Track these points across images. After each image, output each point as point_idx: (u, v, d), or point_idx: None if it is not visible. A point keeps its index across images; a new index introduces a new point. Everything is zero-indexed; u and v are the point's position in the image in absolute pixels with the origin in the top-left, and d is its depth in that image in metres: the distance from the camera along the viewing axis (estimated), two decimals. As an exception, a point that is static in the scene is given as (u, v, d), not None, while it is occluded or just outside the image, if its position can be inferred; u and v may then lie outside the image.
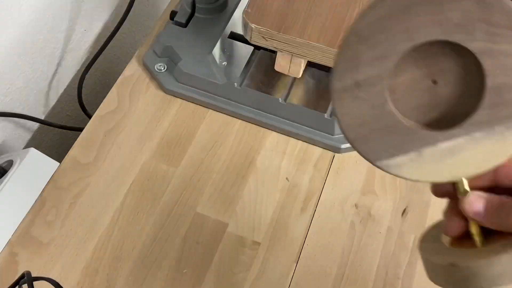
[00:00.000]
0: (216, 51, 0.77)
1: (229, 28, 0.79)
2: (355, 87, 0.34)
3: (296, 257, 0.66)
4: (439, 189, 0.39)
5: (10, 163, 0.70)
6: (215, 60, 0.76)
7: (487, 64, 0.33)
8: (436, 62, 0.34)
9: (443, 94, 0.35)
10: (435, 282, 0.38)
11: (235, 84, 0.74)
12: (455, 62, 0.34)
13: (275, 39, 0.64)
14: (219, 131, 0.75)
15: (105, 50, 0.86)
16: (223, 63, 0.76)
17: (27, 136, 0.87)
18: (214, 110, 0.76)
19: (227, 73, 0.74)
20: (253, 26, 0.63)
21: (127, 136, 0.74)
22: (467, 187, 0.37)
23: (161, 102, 0.77)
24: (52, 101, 0.90)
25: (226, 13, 0.81)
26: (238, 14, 0.80)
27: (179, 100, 0.77)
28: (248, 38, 0.65)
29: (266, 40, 0.64)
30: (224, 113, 0.76)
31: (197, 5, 0.80)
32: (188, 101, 0.77)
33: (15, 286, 0.53)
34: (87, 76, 0.87)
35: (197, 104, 0.77)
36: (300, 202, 0.69)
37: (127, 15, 0.85)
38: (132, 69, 0.80)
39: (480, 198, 0.36)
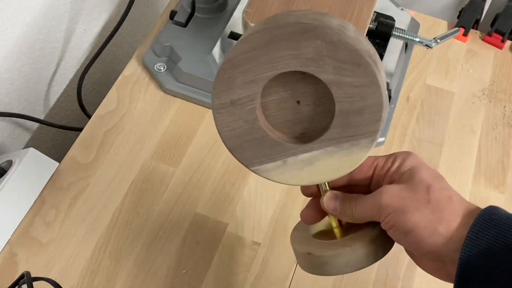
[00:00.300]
0: (216, 51, 0.77)
1: (229, 28, 0.79)
2: (231, 105, 0.41)
3: (296, 257, 0.65)
4: (306, 191, 0.47)
5: (10, 163, 0.70)
6: (215, 60, 0.76)
7: (336, 92, 0.40)
8: (299, 86, 0.42)
9: (305, 113, 0.43)
10: (301, 266, 0.45)
11: (235, 84, 0.73)
12: (313, 87, 0.42)
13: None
14: (219, 131, 0.74)
15: (104, 50, 0.86)
16: (223, 63, 0.76)
17: (27, 136, 0.87)
18: (214, 110, 0.76)
19: (227, 73, 0.74)
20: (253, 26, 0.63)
21: (126, 136, 0.74)
22: (327, 187, 0.45)
23: (160, 102, 0.77)
24: (52, 101, 0.90)
25: (226, 13, 0.81)
26: (238, 14, 0.80)
27: (179, 100, 0.77)
28: (248, 37, 0.65)
29: (266, 40, 0.64)
30: (224, 113, 0.76)
31: (197, 5, 0.80)
32: (188, 101, 0.77)
33: (15, 286, 0.53)
34: (86, 76, 0.87)
35: (197, 104, 0.77)
36: (300, 202, 0.69)
37: (126, 15, 0.84)
38: (132, 69, 0.80)
39: (335, 196, 0.45)
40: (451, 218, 0.39)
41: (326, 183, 0.45)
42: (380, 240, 0.43)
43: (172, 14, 0.81)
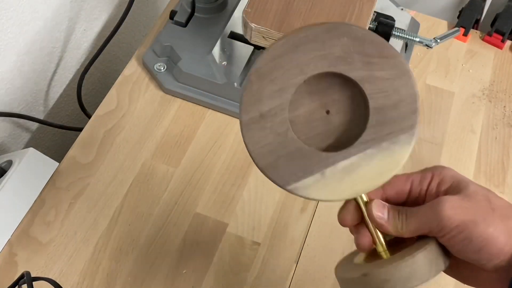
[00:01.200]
0: (216, 51, 0.77)
1: (229, 28, 0.79)
2: (261, 118, 0.40)
3: (296, 257, 0.65)
4: (345, 217, 0.43)
5: (10, 163, 0.70)
6: (215, 60, 0.76)
7: (368, 89, 0.40)
8: (327, 94, 0.41)
9: (336, 122, 0.41)
10: None
11: (235, 84, 0.73)
12: (341, 94, 0.41)
13: (275, 39, 0.63)
14: (219, 131, 0.74)
15: (104, 50, 0.86)
16: (223, 63, 0.76)
17: (27, 136, 0.87)
18: (214, 110, 0.76)
19: (227, 73, 0.74)
20: (253, 26, 0.63)
21: (126, 136, 0.74)
22: (367, 199, 0.42)
23: (160, 102, 0.77)
24: (52, 101, 0.90)
25: (226, 13, 0.81)
26: (238, 14, 0.80)
27: (179, 100, 0.77)
28: (248, 37, 0.65)
29: (266, 40, 0.64)
30: (224, 113, 0.76)
31: (197, 4, 0.80)
32: (188, 101, 0.77)
33: (15, 286, 0.53)
34: (86, 75, 0.87)
35: (197, 104, 0.77)
36: (300, 202, 0.69)
37: (126, 15, 0.84)
38: (132, 69, 0.80)
39: (384, 204, 0.42)
40: None
41: (365, 196, 0.42)
42: (438, 249, 0.40)
43: (172, 14, 0.81)
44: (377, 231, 0.42)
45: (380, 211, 0.41)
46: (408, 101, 0.40)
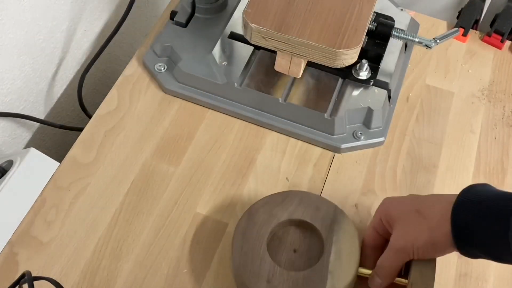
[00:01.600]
0: (216, 51, 0.77)
1: (229, 28, 0.79)
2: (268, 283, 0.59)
3: (296, 257, 0.66)
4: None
5: (10, 163, 0.70)
6: (215, 60, 0.76)
7: (302, 216, 0.62)
8: (288, 238, 0.63)
9: (301, 254, 0.62)
10: None
11: (235, 84, 0.74)
12: (300, 233, 0.63)
13: (275, 39, 0.64)
14: (219, 131, 0.75)
15: (105, 50, 0.87)
16: (223, 63, 0.76)
17: (27, 136, 0.87)
18: (214, 110, 0.76)
19: (227, 73, 0.75)
20: (253, 26, 0.63)
21: (127, 136, 0.74)
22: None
23: (161, 102, 0.77)
24: (52, 101, 0.90)
25: (226, 13, 0.81)
26: (238, 14, 0.81)
27: (179, 100, 0.77)
28: (248, 38, 0.66)
29: (266, 40, 0.64)
30: (224, 113, 0.76)
31: (197, 5, 0.80)
32: (188, 101, 0.77)
33: (16, 286, 0.54)
34: (87, 76, 0.88)
35: (197, 104, 0.77)
36: (300, 202, 0.69)
37: (127, 15, 0.85)
38: (132, 69, 0.80)
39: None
40: None
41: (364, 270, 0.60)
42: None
43: (173, 14, 0.81)
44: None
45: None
46: (320, 200, 0.63)
